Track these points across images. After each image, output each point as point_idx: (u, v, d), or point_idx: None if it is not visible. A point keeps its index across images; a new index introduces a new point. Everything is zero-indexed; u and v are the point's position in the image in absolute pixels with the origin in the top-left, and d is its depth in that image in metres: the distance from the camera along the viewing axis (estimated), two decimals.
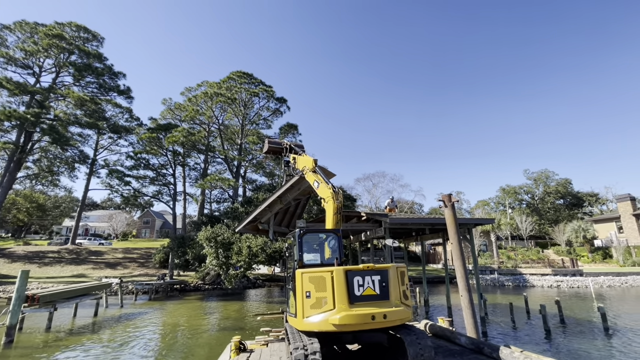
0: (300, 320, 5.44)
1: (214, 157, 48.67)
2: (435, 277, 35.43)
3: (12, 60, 37.69)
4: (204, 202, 47.66)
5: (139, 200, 46.98)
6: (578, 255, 40.71)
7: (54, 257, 37.70)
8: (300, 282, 5.51)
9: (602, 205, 64.32)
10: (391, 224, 15.42)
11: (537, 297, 23.32)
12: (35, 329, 14.93)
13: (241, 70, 44.88)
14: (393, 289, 5.53)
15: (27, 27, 39.17)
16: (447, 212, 10.45)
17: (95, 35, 43.95)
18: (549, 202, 64.83)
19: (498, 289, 30.21)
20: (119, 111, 45.01)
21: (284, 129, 47.27)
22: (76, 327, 15.82)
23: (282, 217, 19.14)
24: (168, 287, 28.79)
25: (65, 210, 66.49)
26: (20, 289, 12.63)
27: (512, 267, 37.44)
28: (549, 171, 67.91)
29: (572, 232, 43.74)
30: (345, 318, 5.01)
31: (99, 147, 46.98)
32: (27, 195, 46.28)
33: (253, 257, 19.92)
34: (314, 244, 7.21)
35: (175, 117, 48.32)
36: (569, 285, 29.46)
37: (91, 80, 42.52)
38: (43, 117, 37.45)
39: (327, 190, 8.19)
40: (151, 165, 45.83)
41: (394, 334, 5.67)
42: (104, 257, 39.80)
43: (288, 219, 19.50)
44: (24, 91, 35.99)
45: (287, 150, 12.28)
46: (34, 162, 42.98)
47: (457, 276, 9.92)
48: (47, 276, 31.30)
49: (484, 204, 67.86)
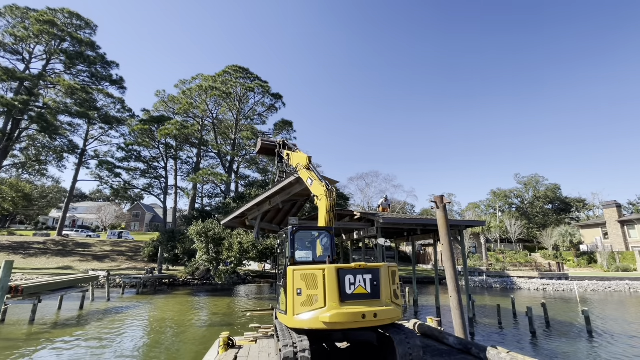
0: (290, 317, 5.40)
1: (207, 151, 48.24)
2: (425, 278, 35.75)
3: (1, 45, 36.68)
4: (196, 197, 47.27)
5: (129, 193, 46.39)
6: (564, 259, 41.52)
7: (40, 248, 36.93)
8: (291, 280, 5.48)
9: (589, 211, 65.62)
10: (384, 223, 15.46)
11: (524, 300, 23.70)
12: (18, 322, 14.58)
13: (237, 64, 44.52)
14: (384, 288, 5.53)
15: (18, 11, 38.17)
16: (439, 213, 10.50)
17: (88, 22, 43.02)
18: (538, 206, 65.93)
19: (486, 290, 30.63)
20: (111, 101, 44.19)
21: (278, 125, 47.08)
22: (61, 320, 15.51)
23: (275, 215, 19.08)
24: (156, 282, 28.45)
25: (53, 201, 65.12)
26: (4, 280, 12.30)
27: (500, 269, 38.01)
28: (539, 176, 69.02)
29: (560, 237, 44.58)
30: (336, 316, 5.01)
31: (89, 138, 46.05)
32: (12, 184, 45.02)
33: (244, 254, 19.76)
34: (306, 241, 7.19)
35: (168, 109, 47.74)
36: (554, 288, 30.01)
37: (83, 69, 41.67)
38: (32, 104, 36.57)
39: (320, 188, 8.17)
40: (142, 158, 45.24)
41: (383, 333, 5.68)
42: (92, 250, 39.13)
43: (281, 217, 19.43)
44: (13, 77, 35.06)
45: (281, 146, 12.20)
46: (21, 151, 41.97)
47: (446, 277, 9.99)
48: (32, 267, 30.66)
49: (475, 207, 68.66)
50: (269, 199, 16.11)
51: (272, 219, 19.67)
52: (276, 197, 15.71)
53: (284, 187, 14.61)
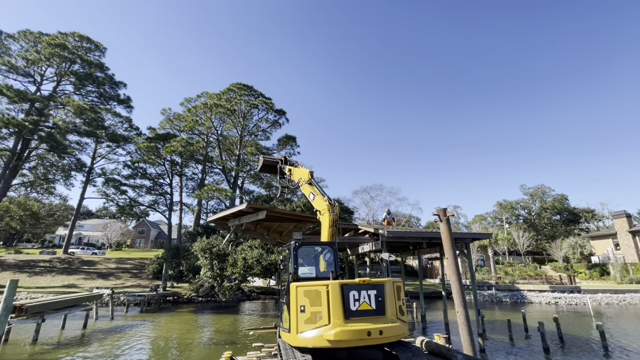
0: (294, 335, 5.28)
1: (212, 167, 48.68)
2: (433, 292, 34.99)
3: (14, 68, 37.95)
4: (200, 213, 47.36)
5: (134, 210, 46.63)
6: (575, 271, 40.48)
7: (45, 267, 36.99)
8: (294, 296, 5.38)
9: (598, 222, 64.44)
10: (388, 237, 15.30)
11: (535, 314, 23.02)
12: (21, 341, 14.48)
13: (241, 82, 45.46)
14: (389, 304, 5.42)
15: (31, 36, 39.66)
16: (443, 226, 10.39)
17: (97, 45, 44.53)
18: (546, 217, 64.92)
19: (496, 305, 29.85)
20: (119, 120, 45.19)
21: (282, 140, 47.52)
22: (64, 339, 15.37)
23: (270, 224, 18.91)
24: (161, 299, 28.21)
25: (59, 219, 65.68)
26: (8, 299, 12.33)
27: (509, 282, 37.12)
28: (545, 187, 68.32)
29: (569, 248, 43.61)
30: (341, 334, 4.88)
31: (97, 156, 46.87)
32: (21, 203, 45.71)
33: (248, 269, 19.59)
34: (309, 256, 7.12)
35: (174, 127, 48.58)
36: (567, 302, 29.16)
37: (92, 89, 42.80)
38: (41, 124, 37.45)
39: (323, 203, 8.17)
40: (148, 175, 45.76)
41: (389, 351, 5.54)
42: (97, 267, 39.09)
43: (278, 231, 19.16)
44: (24, 99, 36.10)
45: (283, 162, 12.33)
46: (30, 170, 42.70)
47: (452, 292, 9.80)
48: (37, 286, 30.63)
49: (481, 219, 67.82)
50: (234, 217, 16.60)
51: (268, 228, 19.44)
52: (242, 218, 16.13)
53: (235, 214, 15.46)
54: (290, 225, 18.20)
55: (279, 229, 18.99)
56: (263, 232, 19.34)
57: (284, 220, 17.22)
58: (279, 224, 18.21)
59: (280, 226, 18.61)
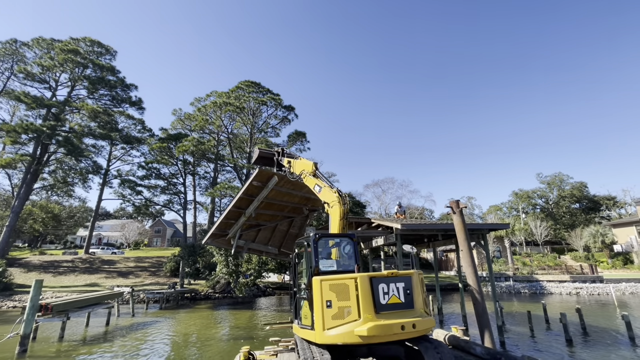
0: (319, 332, 5.01)
1: (224, 165, 49.17)
2: (449, 285, 34.62)
3: (30, 76, 39.06)
4: (214, 210, 48.00)
5: (150, 210, 47.70)
6: (597, 261, 39.29)
7: (68, 267, 38.31)
8: (318, 291, 5.11)
9: (620, 209, 62.19)
10: (403, 230, 15.13)
11: (556, 305, 22.51)
12: (48, 339, 15.06)
13: (249, 79, 45.45)
14: (417, 296, 5.25)
15: (44, 43, 40.66)
16: (456, 218, 10.20)
17: (108, 49, 45.32)
18: (564, 206, 63.06)
19: (514, 296, 29.31)
20: (131, 122, 46.10)
21: (292, 136, 47.49)
22: (89, 336, 15.91)
23: (270, 234, 18.35)
24: (179, 296, 28.84)
25: (80, 220, 67.78)
26: (34, 298, 12.79)
27: (527, 273, 36.36)
28: (562, 174, 66.21)
29: (590, 237, 42.31)
30: (374, 329, 4.66)
31: (112, 158, 48.03)
32: (42, 206, 47.36)
33: (263, 265, 19.77)
34: (327, 249, 6.80)
35: (185, 127, 49.21)
36: (588, 292, 28.39)
37: (104, 93, 43.71)
38: (58, 129, 38.52)
39: (332, 194, 7.67)
40: (162, 175, 46.65)
41: (410, 347, 5.39)
42: (116, 266, 40.25)
43: (279, 238, 18.67)
44: (41, 105, 37.18)
45: (280, 154, 11.01)
46: (49, 174, 44.10)
47: (469, 284, 9.63)
48: (61, 285, 31.77)
49: (497, 209, 66.42)
50: (240, 209, 15.47)
51: (267, 239, 18.48)
52: (249, 208, 15.10)
53: (247, 191, 13.85)
54: (291, 228, 17.77)
55: (278, 233, 18.45)
56: (264, 240, 18.44)
57: (286, 203, 15.84)
58: (278, 226, 17.75)
59: (278, 230, 18.10)
